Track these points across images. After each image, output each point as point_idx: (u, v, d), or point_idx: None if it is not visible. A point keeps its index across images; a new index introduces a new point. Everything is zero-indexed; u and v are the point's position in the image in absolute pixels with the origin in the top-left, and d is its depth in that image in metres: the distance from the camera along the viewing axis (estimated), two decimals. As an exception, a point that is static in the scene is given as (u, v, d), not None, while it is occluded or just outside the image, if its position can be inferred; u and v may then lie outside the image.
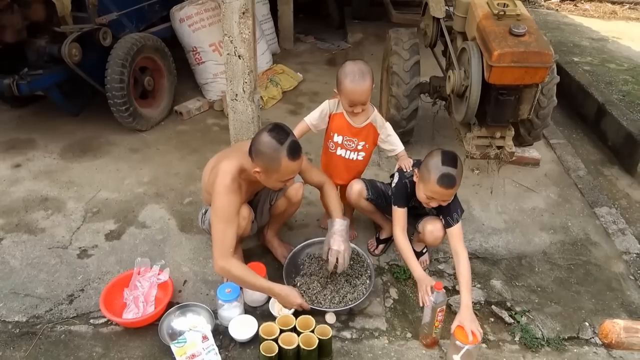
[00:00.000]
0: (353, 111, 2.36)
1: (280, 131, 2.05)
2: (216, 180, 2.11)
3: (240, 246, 2.47)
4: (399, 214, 2.35)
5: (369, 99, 2.34)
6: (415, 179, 2.29)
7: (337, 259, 2.25)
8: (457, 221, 2.28)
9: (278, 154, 2.01)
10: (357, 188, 2.46)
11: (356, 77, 2.26)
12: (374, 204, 2.50)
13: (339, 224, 2.29)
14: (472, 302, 2.34)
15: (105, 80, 3.37)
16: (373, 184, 2.51)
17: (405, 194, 2.35)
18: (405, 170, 2.41)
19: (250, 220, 2.31)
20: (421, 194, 2.23)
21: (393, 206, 2.36)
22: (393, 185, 2.40)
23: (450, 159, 2.15)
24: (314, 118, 2.48)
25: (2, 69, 3.23)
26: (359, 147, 2.46)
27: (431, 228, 2.36)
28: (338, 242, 2.26)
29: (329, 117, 2.46)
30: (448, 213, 2.28)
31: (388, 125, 2.50)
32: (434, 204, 2.24)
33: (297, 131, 2.40)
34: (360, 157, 2.49)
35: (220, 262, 2.06)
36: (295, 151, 2.04)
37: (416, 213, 2.45)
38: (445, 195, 2.18)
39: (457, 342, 1.98)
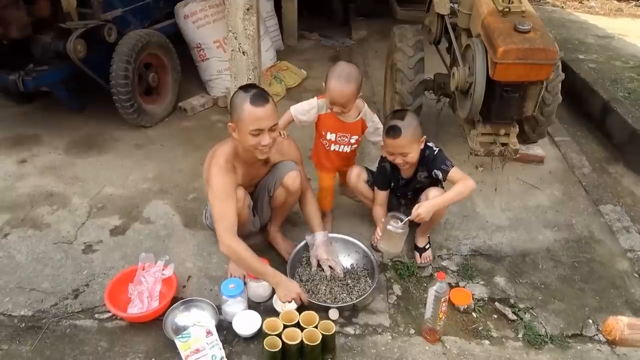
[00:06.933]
0: (332, 109, 2.42)
1: (250, 86, 2.18)
2: (211, 162, 2.18)
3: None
4: (380, 195, 2.56)
5: (349, 103, 2.38)
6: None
7: (329, 266, 2.37)
8: (451, 166, 2.33)
9: (242, 101, 2.09)
10: (356, 171, 2.59)
11: (341, 78, 2.32)
12: (373, 187, 2.60)
13: (321, 236, 2.42)
14: (476, 298, 2.36)
15: (110, 76, 3.39)
16: (371, 170, 2.63)
17: (385, 176, 2.52)
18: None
19: (247, 204, 2.32)
20: (384, 152, 2.39)
21: (375, 188, 2.56)
22: (376, 168, 2.57)
23: (397, 113, 2.33)
24: (300, 111, 2.54)
25: (8, 65, 3.25)
26: (352, 141, 2.58)
27: (435, 193, 2.37)
28: (322, 252, 2.38)
29: (318, 117, 2.53)
30: (437, 166, 2.35)
31: (375, 117, 2.60)
32: (399, 160, 2.32)
33: (282, 121, 2.50)
34: (352, 148, 2.62)
35: (227, 240, 2.09)
36: (257, 98, 2.09)
37: (414, 189, 2.52)
38: (398, 146, 2.27)
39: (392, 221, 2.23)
